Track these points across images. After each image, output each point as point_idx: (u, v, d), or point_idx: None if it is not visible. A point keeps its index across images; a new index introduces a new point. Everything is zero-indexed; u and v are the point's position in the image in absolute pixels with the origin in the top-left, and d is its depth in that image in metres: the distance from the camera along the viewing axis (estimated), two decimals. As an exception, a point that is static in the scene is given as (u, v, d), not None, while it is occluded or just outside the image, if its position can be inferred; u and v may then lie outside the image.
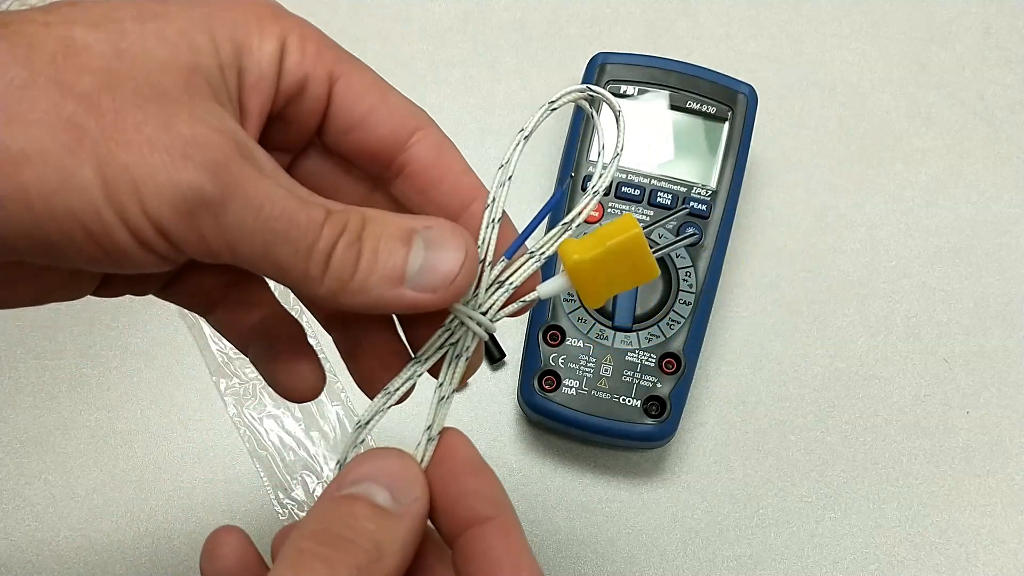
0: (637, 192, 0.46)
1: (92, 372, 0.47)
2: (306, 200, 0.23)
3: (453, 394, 0.26)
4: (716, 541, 0.45)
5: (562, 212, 0.45)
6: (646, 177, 0.46)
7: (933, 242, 0.50)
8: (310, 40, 0.25)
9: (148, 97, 0.21)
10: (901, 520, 0.45)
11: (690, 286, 0.45)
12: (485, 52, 0.53)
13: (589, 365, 0.43)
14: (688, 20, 0.54)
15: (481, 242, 0.26)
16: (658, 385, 0.43)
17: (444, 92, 0.53)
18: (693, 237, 0.31)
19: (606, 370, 0.43)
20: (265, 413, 0.47)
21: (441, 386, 0.26)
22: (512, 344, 0.48)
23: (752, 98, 0.47)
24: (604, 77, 0.47)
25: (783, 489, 0.46)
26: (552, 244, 0.26)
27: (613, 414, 0.43)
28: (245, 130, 0.24)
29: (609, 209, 0.46)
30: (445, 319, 0.27)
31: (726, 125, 0.47)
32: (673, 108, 0.47)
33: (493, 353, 0.48)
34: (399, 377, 0.27)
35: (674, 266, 0.45)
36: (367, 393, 0.28)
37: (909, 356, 0.48)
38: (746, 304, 0.49)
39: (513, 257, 0.27)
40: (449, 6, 0.54)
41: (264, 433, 0.47)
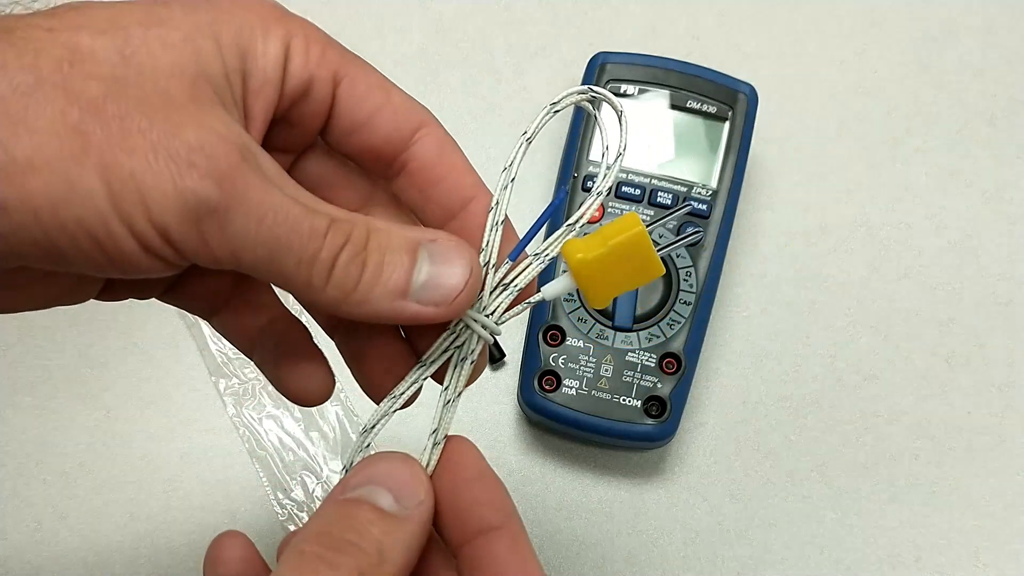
0: (637, 192, 0.46)
1: (92, 372, 0.47)
2: (310, 208, 0.23)
3: (459, 398, 0.26)
4: (716, 541, 0.45)
5: (562, 214, 0.45)
6: (646, 177, 0.46)
7: (933, 242, 0.50)
8: (314, 42, 0.25)
9: (154, 104, 0.21)
10: (902, 521, 0.45)
11: (690, 286, 0.45)
12: (485, 52, 0.53)
13: (589, 365, 0.43)
14: (688, 20, 0.54)
15: (485, 244, 0.26)
16: (658, 385, 0.43)
17: (444, 93, 0.52)
18: (698, 235, 0.31)
19: (606, 370, 0.43)
20: (264, 413, 0.47)
21: (447, 390, 0.26)
22: (512, 344, 0.48)
23: (752, 98, 0.47)
24: (604, 77, 0.47)
25: (783, 489, 0.46)
26: (556, 245, 0.26)
27: (613, 414, 0.43)
28: (249, 134, 0.24)
29: (610, 209, 0.46)
30: (450, 324, 0.27)
31: (726, 125, 0.47)
32: (673, 108, 0.47)
33: (493, 353, 0.48)
34: (404, 381, 0.26)
35: (674, 266, 0.45)
36: (373, 398, 0.28)
37: (910, 356, 0.48)
38: (746, 304, 0.49)
39: (517, 259, 0.27)
40: (449, 6, 0.54)
41: (263, 433, 0.46)
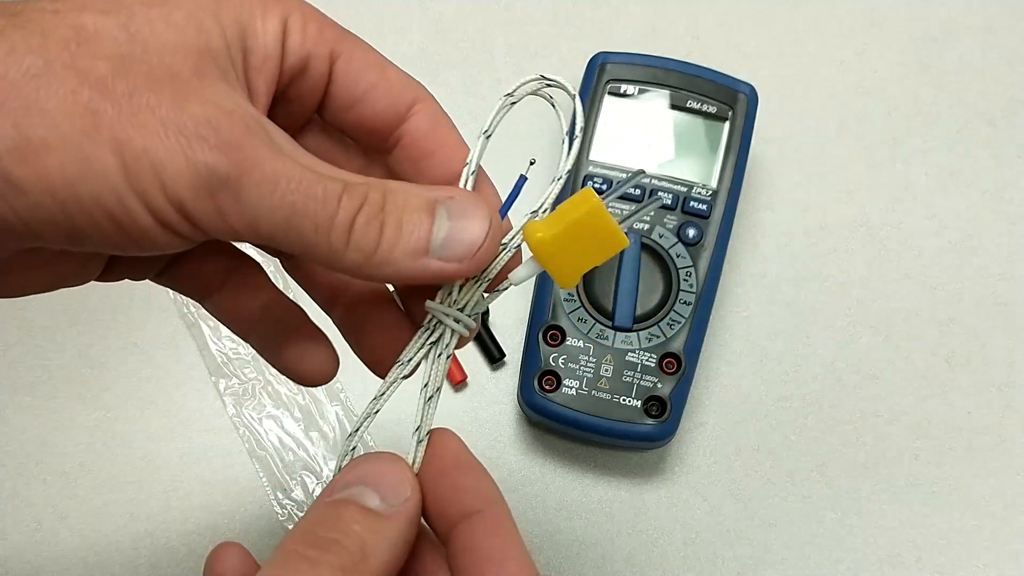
0: (637, 192, 0.46)
1: (92, 372, 0.47)
2: (323, 174, 0.23)
3: (439, 393, 0.26)
4: (716, 541, 0.45)
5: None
6: (646, 177, 0.46)
7: (934, 242, 0.50)
8: (311, 20, 0.26)
9: (161, 80, 0.21)
10: (902, 521, 0.45)
11: (690, 286, 0.44)
12: (485, 52, 0.53)
13: (589, 365, 0.43)
14: (688, 20, 0.54)
15: None
16: (658, 385, 0.43)
17: (444, 93, 0.52)
18: (658, 200, 0.31)
19: (606, 370, 0.43)
20: (264, 413, 0.47)
21: (426, 386, 0.26)
22: (512, 344, 0.48)
23: (752, 98, 0.47)
24: (604, 77, 0.47)
25: (783, 489, 0.46)
26: (519, 233, 0.27)
27: (613, 414, 0.43)
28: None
29: (609, 209, 0.45)
30: (426, 320, 0.27)
31: (726, 125, 0.47)
32: (673, 108, 0.47)
33: (493, 353, 0.48)
34: (384, 383, 0.27)
35: (674, 266, 0.45)
36: (375, 371, 0.28)
37: (910, 356, 0.48)
38: (746, 304, 0.49)
39: None
40: (449, 6, 0.54)
41: (263, 433, 0.46)
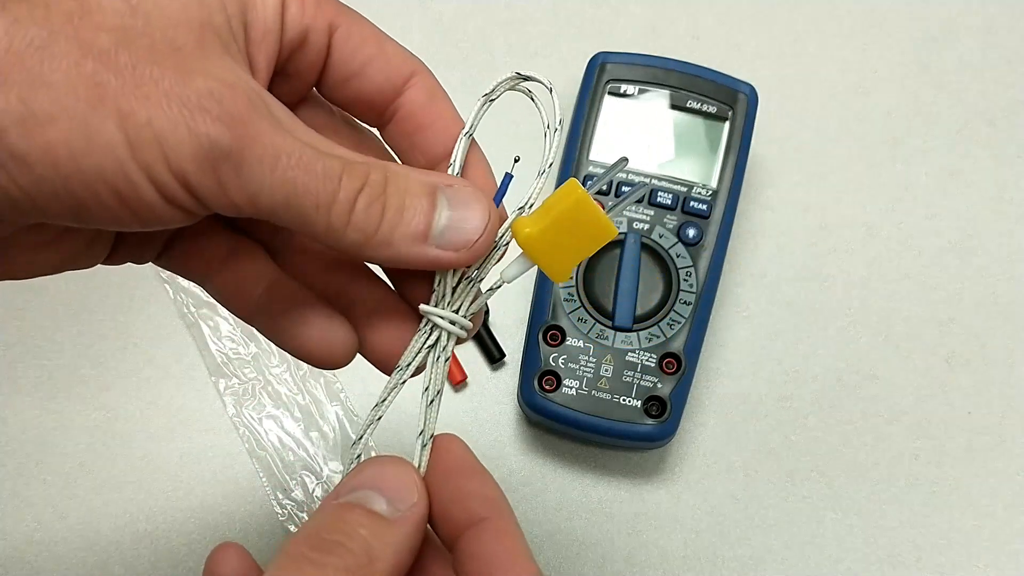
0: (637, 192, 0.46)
1: (92, 372, 0.47)
2: (324, 152, 0.23)
3: (440, 396, 0.26)
4: (717, 541, 0.45)
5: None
6: (646, 177, 0.46)
7: (934, 242, 0.50)
8: None
9: (163, 53, 0.21)
10: (902, 521, 0.45)
11: (690, 286, 0.44)
12: (485, 52, 0.53)
13: (589, 365, 0.43)
14: (688, 20, 0.54)
15: None
16: (658, 385, 0.43)
17: (444, 92, 0.52)
18: (643, 187, 0.31)
19: (606, 370, 0.43)
20: (264, 413, 0.47)
21: (427, 390, 0.26)
22: (512, 344, 0.48)
23: (752, 98, 0.47)
24: (604, 77, 0.47)
25: (784, 489, 0.46)
26: (507, 230, 0.27)
27: (613, 414, 0.43)
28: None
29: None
30: (424, 324, 0.27)
31: (726, 125, 0.47)
32: (673, 108, 0.47)
33: (493, 353, 0.48)
34: (385, 388, 0.27)
35: (674, 266, 0.45)
36: (380, 368, 0.28)
37: (910, 356, 0.48)
38: (746, 304, 0.49)
39: None
40: (449, 6, 0.54)
41: (263, 433, 0.46)
